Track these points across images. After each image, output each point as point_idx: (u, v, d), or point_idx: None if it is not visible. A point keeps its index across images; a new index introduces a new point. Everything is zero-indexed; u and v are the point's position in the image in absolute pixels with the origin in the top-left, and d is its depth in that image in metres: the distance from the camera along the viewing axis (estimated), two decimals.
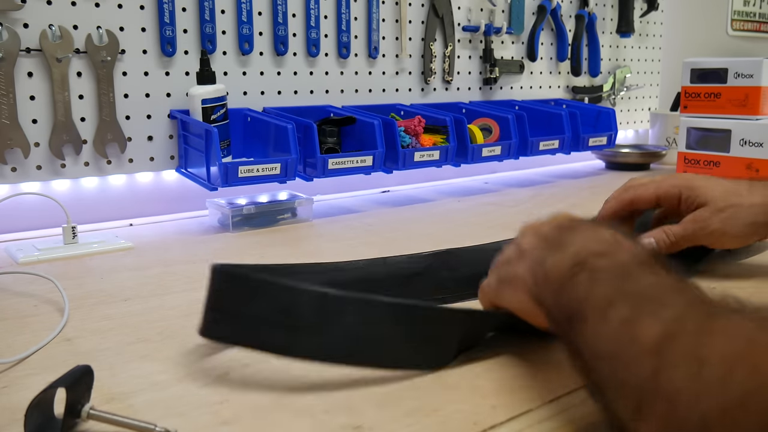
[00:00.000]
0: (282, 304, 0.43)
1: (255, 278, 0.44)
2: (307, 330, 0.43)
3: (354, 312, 0.43)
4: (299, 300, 0.43)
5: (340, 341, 0.43)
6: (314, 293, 0.43)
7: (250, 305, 0.44)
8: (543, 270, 0.44)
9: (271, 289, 0.44)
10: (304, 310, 0.43)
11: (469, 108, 1.28)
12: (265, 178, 0.94)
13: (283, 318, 0.43)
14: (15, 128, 0.88)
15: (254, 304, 0.44)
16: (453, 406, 0.42)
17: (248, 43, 1.07)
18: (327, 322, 0.43)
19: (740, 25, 1.81)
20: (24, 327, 0.57)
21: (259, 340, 0.44)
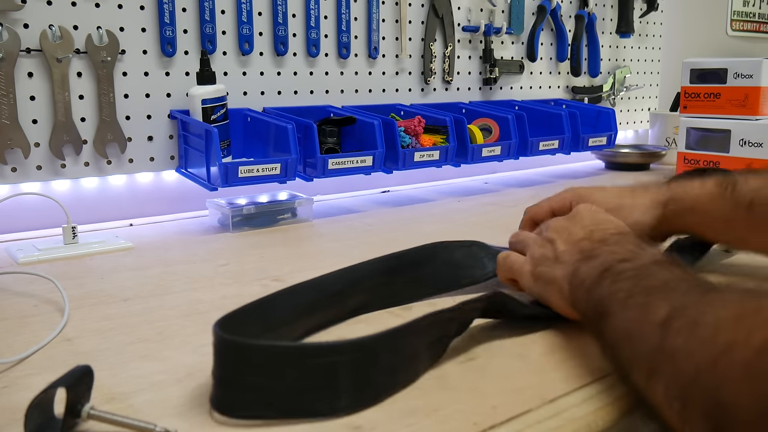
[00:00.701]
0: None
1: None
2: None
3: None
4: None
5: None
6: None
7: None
8: (578, 279, 0.50)
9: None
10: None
11: (469, 108, 1.28)
12: (265, 178, 0.94)
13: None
14: (15, 128, 0.88)
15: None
16: (453, 406, 0.42)
17: (248, 43, 1.07)
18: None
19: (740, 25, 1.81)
20: (24, 327, 0.57)
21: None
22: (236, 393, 0.41)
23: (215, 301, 0.64)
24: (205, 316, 0.59)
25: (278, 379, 0.40)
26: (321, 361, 0.40)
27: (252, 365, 0.40)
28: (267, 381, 0.40)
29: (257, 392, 0.40)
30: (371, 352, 0.42)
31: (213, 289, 0.68)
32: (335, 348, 0.41)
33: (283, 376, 0.40)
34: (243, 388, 0.40)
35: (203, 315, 0.60)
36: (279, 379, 0.40)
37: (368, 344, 0.42)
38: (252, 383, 0.40)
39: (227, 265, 0.76)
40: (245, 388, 0.40)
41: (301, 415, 0.40)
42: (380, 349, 0.42)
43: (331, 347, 0.41)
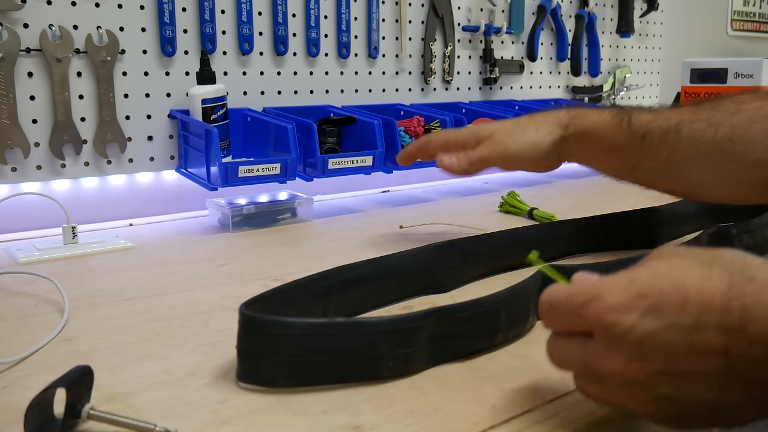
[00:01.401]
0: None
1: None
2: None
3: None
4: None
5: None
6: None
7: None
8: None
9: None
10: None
11: (469, 108, 1.28)
12: (265, 178, 0.94)
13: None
14: (15, 128, 0.88)
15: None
16: (453, 406, 0.42)
17: (248, 43, 1.07)
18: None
19: (740, 25, 1.81)
20: (24, 327, 0.57)
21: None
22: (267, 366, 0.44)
23: (215, 301, 0.64)
24: (205, 316, 0.59)
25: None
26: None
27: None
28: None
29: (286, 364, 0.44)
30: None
31: (213, 289, 0.68)
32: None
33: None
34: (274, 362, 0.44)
35: (203, 315, 0.60)
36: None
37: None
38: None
39: (227, 265, 0.76)
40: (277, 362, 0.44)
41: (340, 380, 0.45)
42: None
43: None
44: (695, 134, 0.64)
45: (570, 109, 0.72)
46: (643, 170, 0.68)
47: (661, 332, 0.32)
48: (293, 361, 0.44)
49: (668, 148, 0.65)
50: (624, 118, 0.67)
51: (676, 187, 0.70)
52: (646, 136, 0.66)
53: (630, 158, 0.68)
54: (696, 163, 0.64)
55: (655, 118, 0.66)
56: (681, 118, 0.65)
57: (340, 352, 0.44)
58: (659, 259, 0.36)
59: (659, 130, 0.65)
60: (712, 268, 0.33)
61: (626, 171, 0.70)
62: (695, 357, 0.32)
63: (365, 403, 0.43)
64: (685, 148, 0.64)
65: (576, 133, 0.70)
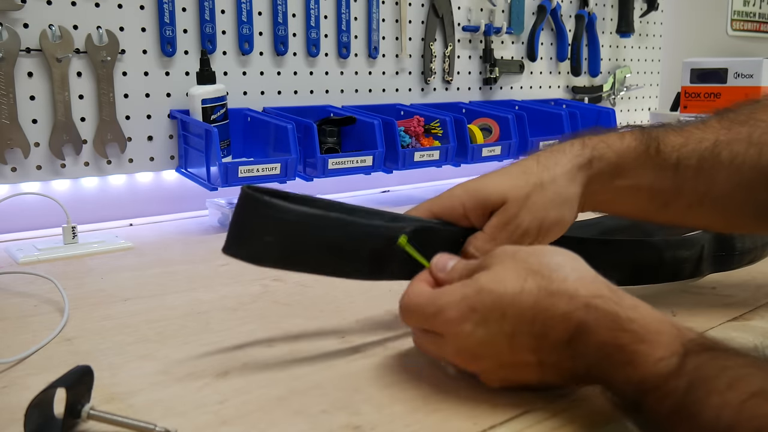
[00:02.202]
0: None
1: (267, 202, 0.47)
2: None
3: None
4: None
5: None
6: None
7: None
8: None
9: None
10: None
11: (469, 108, 1.28)
12: (265, 178, 0.94)
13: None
14: (15, 128, 0.88)
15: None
16: (453, 406, 0.42)
17: (248, 43, 1.07)
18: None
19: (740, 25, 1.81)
20: (24, 327, 0.57)
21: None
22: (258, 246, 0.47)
23: (215, 301, 0.64)
24: (205, 316, 0.60)
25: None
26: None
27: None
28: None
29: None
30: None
31: (213, 289, 0.68)
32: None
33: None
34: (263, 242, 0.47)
35: (203, 315, 0.60)
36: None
37: None
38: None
39: (227, 265, 0.76)
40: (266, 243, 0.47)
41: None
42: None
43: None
44: (736, 159, 0.53)
45: (585, 139, 0.56)
46: (676, 208, 0.56)
47: (490, 338, 0.41)
48: (284, 244, 0.47)
49: (706, 180, 0.54)
50: (651, 144, 0.55)
51: (718, 222, 0.58)
52: (680, 165, 0.54)
53: (661, 195, 0.55)
54: (740, 194, 0.54)
55: (686, 140, 0.55)
56: (717, 137, 0.54)
57: (328, 246, 0.47)
58: (488, 268, 0.43)
59: (695, 155, 0.54)
60: (526, 282, 0.41)
61: (655, 210, 0.57)
62: (516, 355, 0.41)
63: (365, 403, 0.43)
64: (727, 178, 0.53)
65: (602, 171, 0.54)
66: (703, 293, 0.64)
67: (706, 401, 0.33)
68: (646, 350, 0.37)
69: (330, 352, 0.51)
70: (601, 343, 0.38)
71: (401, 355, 0.49)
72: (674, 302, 0.61)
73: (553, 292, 0.40)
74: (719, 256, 0.65)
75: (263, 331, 0.55)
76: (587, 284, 0.41)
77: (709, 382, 0.33)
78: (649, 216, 0.58)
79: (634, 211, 0.58)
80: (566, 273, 0.41)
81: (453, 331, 0.42)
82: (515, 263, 0.43)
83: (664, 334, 0.37)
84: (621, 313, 0.39)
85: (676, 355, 0.36)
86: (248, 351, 0.51)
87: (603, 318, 0.39)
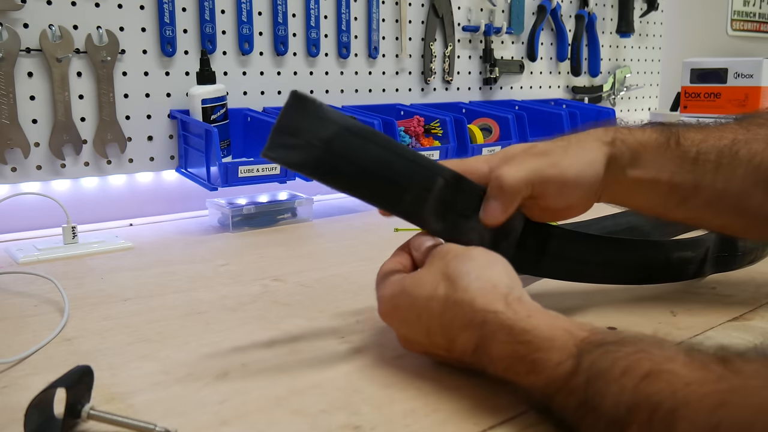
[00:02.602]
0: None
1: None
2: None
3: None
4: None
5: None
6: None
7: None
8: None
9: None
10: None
11: (469, 108, 1.28)
12: (265, 178, 0.94)
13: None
14: (15, 128, 0.88)
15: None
16: (453, 406, 0.42)
17: (248, 43, 1.07)
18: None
19: (740, 25, 1.81)
20: (24, 327, 0.57)
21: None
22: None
23: (215, 301, 0.64)
24: (205, 316, 0.60)
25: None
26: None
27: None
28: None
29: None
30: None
31: (213, 289, 0.68)
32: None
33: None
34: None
35: (203, 315, 0.60)
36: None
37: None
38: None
39: (227, 265, 0.76)
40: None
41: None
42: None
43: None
44: (755, 157, 0.53)
45: (606, 126, 0.57)
46: (695, 203, 0.55)
47: (411, 335, 0.47)
48: (325, 147, 0.45)
49: (725, 176, 0.54)
50: (671, 137, 0.55)
51: (735, 223, 0.57)
52: (699, 158, 0.54)
53: (679, 189, 0.55)
54: (759, 194, 0.54)
55: (705, 137, 0.55)
56: (735, 136, 0.54)
57: (369, 163, 0.47)
58: (423, 266, 0.48)
59: (714, 150, 0.54)
60: (437, 290, 0.45)
61: (673, 205, 0.56)
62: (437, 348, 0.46)
63: (364, 402, 0.43)
64: (745, 175, 0.53)
65: (623, 153, 0.54)
66: (703, 293, 0.64)
67: (605, 391, 0.35)
68: (544, 357, 0.39)
69: (330, 352, 0.51)
70: (502, 354, 0.41)
71: (401, 355, 0.49)
72: (674, 302, 0.61)
73: (456, 302, 0.43)
74: (722, 256, 0.65)
75: (263, 332, 0.55)
76: (486, 295, 0.43)
77: (605, 374, 0.36)
78: (667, 212, 0.57)
79: (652, 206, 0.57)
80: (468, 282, 0.44)
81: (386, 323, 0.49)
82: (438, 265, 0.46)
83: (558, 339, 0.39)
84: (515, 326, 0.41)
85: (571, 356, 0.38)
86: (248, 351, 0.51)
87: (499, 332, 0.41)
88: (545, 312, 0.42)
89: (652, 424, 0.33)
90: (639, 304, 0.60)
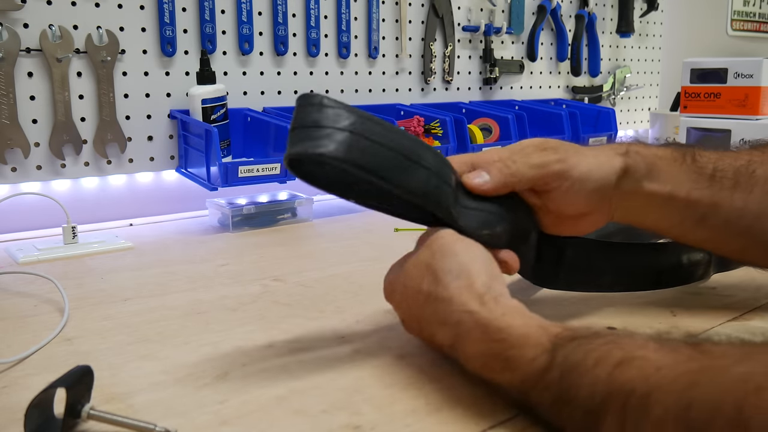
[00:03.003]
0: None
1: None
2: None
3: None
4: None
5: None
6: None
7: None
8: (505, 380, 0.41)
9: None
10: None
11: (469, 108, 1.28)
12: (265, 178, 0.94)
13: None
14: (15, 128, 0.88)
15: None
16: (453, 406, 0.42)
17: (248, 43, 1.07)
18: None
19: (740, 25, 1.81)
20: (24, 327, 0.57)
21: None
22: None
23: (215, 301, 0.64)
24: (205, 316, 0.60)
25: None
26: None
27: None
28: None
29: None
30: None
31: (213, 289, 0.68)
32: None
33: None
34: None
35: (203, 315, 0.60)
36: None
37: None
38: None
39: (227, 265, 0.76)
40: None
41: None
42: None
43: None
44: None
45: (625, 143, 0.56)
46: (713, 222, 0.54)
47: (406, 319, 0.50)
48: (351, 130, 0.46)
49: (743, 194, 0.53)
50: (687, 153, 0.55)
51: (753, 248, 0.55)
52: (716, 175, 0.54)
53: (697, 206, 0.54)
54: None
55: (721, 156, 0.55)
56: (751, 157, 0.54)
57: (391, 148, 0.47)
58: (407, 264, 0.49)
59: (730, 168, 0.54)
60: (422, 283, 0.46)
61: (692, 223, 0.55)
62: (422, 336, 0.48)
63: (365, 403, 0.43)
64: (763, 196, 0.53)
65: (636, 166, 0.53)
66: (703, 293, 0.64)
67: (579, 383, 0.36)
68: (518, 354, 0.39)
69: (330, 352, 0.51)
70: (477, 353, 0.42)
71: (401, 355, 0.49)
72: (674, 302, 0.61)
73: (435, 298, 0.45)
74: (724, 257, 0.65)
75: (263, 332, 0.55)
76: (462, 294, 0.43)
77: (578, 366, 0.36)
78: (685, 232, 0.56)
79: (670, 225, 0.56)
80: (449, 280, 0.45)
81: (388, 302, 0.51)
82: (425, 257, 0.47)
83: (532, 336, 0.40)
84: (491, 325, 0.41)
85: (545, 352, 0.38)
86: (248, 351, 0.51)
87: (473, 330, 0.42)
88: (520, 311, 0.42)
89: (626, 411, 0.33)
90: (639, 305, 0.60)
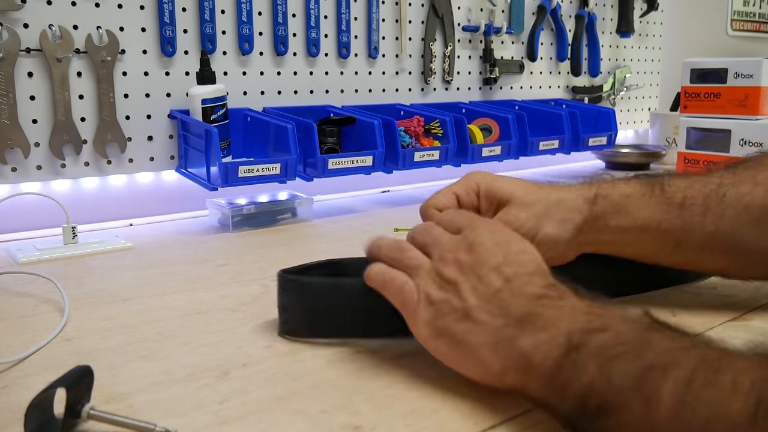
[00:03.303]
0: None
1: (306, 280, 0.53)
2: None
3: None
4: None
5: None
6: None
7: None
8: (519, 353, 0.40)
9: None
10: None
11: (469, 108, 1.28)
12: (265, 178, 0.94)
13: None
14: (15, 128, 0.88)
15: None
16: (453, 406, 0.42)
17: (248, 43, 1.07)
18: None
19: (740, 25, 1.81)
20: (24, 327, 0.57)
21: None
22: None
23: (215, 301, 0.64)
24: (205, 316, 0.60)
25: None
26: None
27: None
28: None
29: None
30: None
31: (213, 289, 0.68)
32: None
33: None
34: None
35: (203, 315, 0.60)
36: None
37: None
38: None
39: (227, 265, 0.76)
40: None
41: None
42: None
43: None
44: (743, 198, 0.54)
45: (592, 181, 0.59)
46: (688, 247, 0.56)
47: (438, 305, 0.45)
48: (313, 311, 0.52)
49: (714, 218, 0.54)
50: (655, 185, 0.57)
51: (734, 264, 0.57)
52: (685, 203, 0.55)
53: (670, 234, 0.56)
54: (753, 233, 0.54)
55: (690, 183, 0.57)
56: (721, 181, 0.56)
57: (348, 308, 0.51)
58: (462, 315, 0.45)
59: (700, 195, 0.55)
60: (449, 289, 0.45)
61: (668, 250, 0.57)
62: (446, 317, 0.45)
63: (365, 403, 0.43)
64: (734, 216, 0.54)
65: (604, 210, 0.56)
66: (703, 293, 0.64)
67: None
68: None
69: (330, 352, 0.51)
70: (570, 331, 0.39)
71: (401, 355, 0.49)
72: (674, 302, 0.61)
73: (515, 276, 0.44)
74: None
75: (263, 332, 0.55)
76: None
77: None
78: (662, 258, 0.58)
79: (644, 253, 0.58)
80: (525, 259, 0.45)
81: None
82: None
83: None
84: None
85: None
86: (248, 351, 0.51)
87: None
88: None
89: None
90: (639, 305, 0.60)
